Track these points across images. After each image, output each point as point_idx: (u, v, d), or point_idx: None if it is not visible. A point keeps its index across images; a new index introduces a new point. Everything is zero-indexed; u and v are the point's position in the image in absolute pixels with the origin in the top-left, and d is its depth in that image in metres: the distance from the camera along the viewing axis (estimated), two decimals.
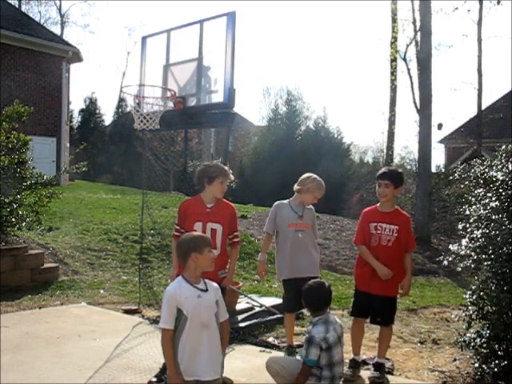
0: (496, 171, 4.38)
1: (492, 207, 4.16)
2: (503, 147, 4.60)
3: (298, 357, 3.84)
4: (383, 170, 4.55)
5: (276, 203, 4.97)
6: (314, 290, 3.71)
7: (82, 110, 36.19)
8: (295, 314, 5.12)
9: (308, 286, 3.76)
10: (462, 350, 4.50)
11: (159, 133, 7.45)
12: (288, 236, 4.74)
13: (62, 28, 43.95)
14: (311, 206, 4.92)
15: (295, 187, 4.86)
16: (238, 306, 6.13)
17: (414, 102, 16.47)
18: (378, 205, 4.53)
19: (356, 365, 4.43)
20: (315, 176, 4.82)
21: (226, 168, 4.34)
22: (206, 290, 3.00)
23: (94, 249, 9.49)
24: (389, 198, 4.42)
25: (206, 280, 3.08)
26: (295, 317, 5.22)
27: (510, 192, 4.14)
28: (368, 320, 4.59)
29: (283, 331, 5.72)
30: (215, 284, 3.14)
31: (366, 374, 4.46)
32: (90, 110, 35.98)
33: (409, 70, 18.29)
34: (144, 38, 7.16)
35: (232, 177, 4.38)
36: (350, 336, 4.60)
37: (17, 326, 5.56)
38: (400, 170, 4.59)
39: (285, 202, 4.92)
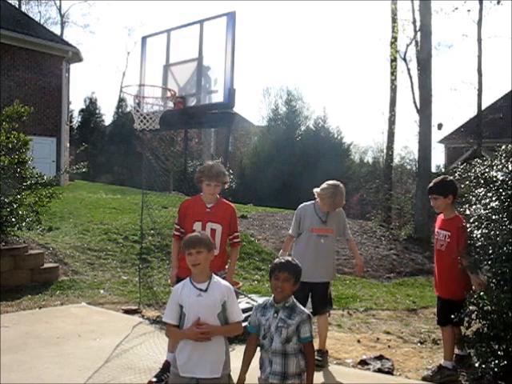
0: (496, 171, 4.38)
1: (492, 207, 4.16)
2: (503, 147, 4.60)
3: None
4: (430, 184, 4.62)
5: (301, 206, 4.95)
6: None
7: (82, 110, 36.17)
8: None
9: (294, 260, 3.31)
10: (461, 350, 4.50)
11: (159, 133, 7.45)
12: (310, 241, 4.77)
13: (62, 28, 43.97)
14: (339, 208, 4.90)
15: (314, 190, 4.85)
16: None
17: (414, 102, 16.47)
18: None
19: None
20: (334, 186, 4.76)
21: (216, 170, 4.18)
22: (205, 291, 2.99)
23: (94, 249, 9.49)
24: (443, 208, 4.54)
25: (216, 280, 3.06)
26: None
27: (510, 192, 4.14)
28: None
29: None
30: (227, 284, 3.08)
31: (367, 374, 4.47)
32: (90, 110, 35.96)
33: (409, 70, 18.28)
34: (144, 38, 7.16)
35: (226, 179, 4.27)
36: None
37: (17, 326, 5.56)
38: (446, 179, 4.56)
39: (309, 204, 4.89)
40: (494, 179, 4.32)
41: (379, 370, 4.56)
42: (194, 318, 2.94)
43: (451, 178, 4.66)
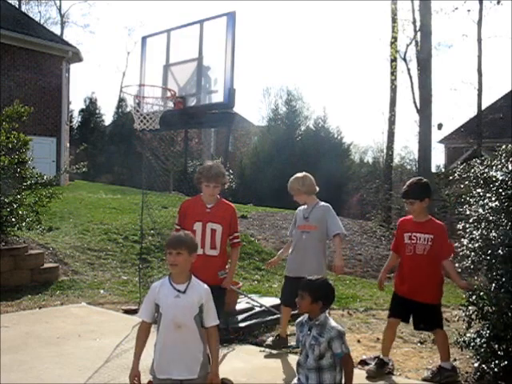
0: (496, 171, 4.39)
1: (491, 207, 4.16)
2: (503, 147, 4.60)
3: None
4: (404, 187, 4.48)
5: (298, 208, 5.17)
6: (328, 283, 3.31)
7: (82, 110, 36.15)
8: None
9: (323, 280, 3.30)
10: (461, 350, 4.50)
11: (159, 133, 7.44)
12: (296, 237, 5.02)
13: (62, 28, 43.96)
14: (324, 204, 5.00)
15: None
16: (238, 306, 6.13)
17: (414, 102, 16.52)
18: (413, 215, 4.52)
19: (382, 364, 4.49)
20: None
21: (215, 171, 4.17)
22: (184, 292, 2.97)
23: (94, 249, 9.49)
24: (418, 212, 4.40)
25: (195, 282, 3.03)
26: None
27: (509, 192, 4.14)
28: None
29: None
30: (205, 287, 3.05)
31: (363, 373, 4.46)
32: (90, 110, 35.95)
33: (409, 69, 18.36)
34: (144, 38, 7.16)
35: (225, 179, 4.28)
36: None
37: (17, 326, 5.56)
38: (421, 181, 4.45)
39: (304, 206, 5.11)
40: (494, 179, 4.32)
41: None
42: (170, 320, 2.94)
43: (425, 180, 4.53)
